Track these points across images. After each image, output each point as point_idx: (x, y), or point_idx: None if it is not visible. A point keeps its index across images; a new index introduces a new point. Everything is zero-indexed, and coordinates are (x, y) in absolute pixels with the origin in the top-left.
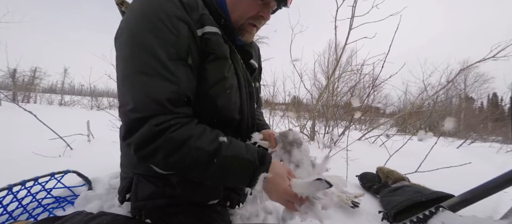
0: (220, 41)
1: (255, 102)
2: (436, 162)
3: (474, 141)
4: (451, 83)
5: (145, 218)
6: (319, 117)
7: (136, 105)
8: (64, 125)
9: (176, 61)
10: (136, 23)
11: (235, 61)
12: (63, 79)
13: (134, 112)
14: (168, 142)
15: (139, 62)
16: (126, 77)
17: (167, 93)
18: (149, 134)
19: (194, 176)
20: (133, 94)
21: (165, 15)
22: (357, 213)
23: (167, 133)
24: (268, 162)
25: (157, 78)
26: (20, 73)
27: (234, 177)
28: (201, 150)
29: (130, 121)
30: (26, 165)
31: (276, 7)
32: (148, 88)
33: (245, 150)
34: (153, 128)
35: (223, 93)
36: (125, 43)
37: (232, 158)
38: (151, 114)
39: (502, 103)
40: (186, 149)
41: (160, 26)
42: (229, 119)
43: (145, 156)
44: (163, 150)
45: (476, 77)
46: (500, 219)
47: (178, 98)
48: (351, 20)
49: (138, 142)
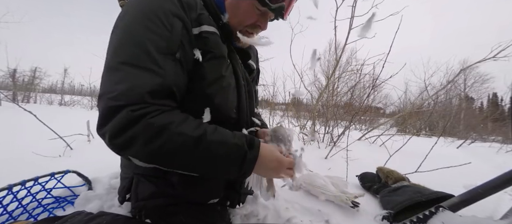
0: (218, 41)
1: (254, 101)
2: (436, 162)
3: (474, 141)
4: (451, 83)
5: (145, 218)
6: (319, 117)
7: (116, 94)
8: (64, 125)
9: (165, 55)
10: (130, 17)
11: (234, 60)
12: (63, 79)
13: (112, 100)
14: (146, 128)
15: (127, 52)
16: (111, 66)
17: (150, 84)
18: (124, 121)
19: (177, 166)
20: (114, 82)
21: (161, 10)
22: (357, 213)
23: (145, 118)
24: (257, 146)
25: (142, 70)
26: (20, 73)
27: (222, 164)
28: (184, 135)
29: (107, 108)
30: (26, 165)
31: (273, 18)
32: (131, 78)
33: (232, 135)
34: (130, 113)
35: (220, 91)
36: (117, 34)
37: (218, 143)
38: (128, 103)
39: (502, 103)
40: (168, 134)
41: (154, 20)
42: (226, 117)
43: (121, 145)
44: (142, 137)
45: (476, 77)
46: (500, 219)
47: (161, 91)
48: (351, 20)
49: (114, 130)
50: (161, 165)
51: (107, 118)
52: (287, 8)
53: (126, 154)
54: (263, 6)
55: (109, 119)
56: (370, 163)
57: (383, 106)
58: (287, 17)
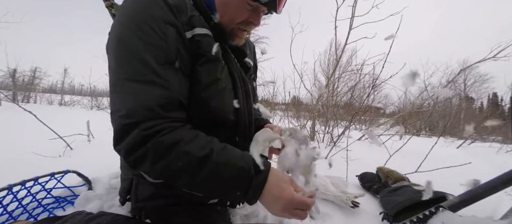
0: (211, 43)
1: (252, 100)
2: (436, 162)
3: (474, 141)
4: (451, 83)
5: (146, 218)
6: (319, 117)
7: (127, 112)
8: (64, 125)
9: (165, 66)
10: (122, 30)
11: (229, 60)
12: (63, 79)
13: (125, 118)
14: (156, 147)
15: (128, 68)
16: (116, 84)
17: (158, 98)
18: (137, 139)
19: (183, 185)
20: (123, 100)
21: (151, 19)
22: (357, 213)
23: (155, 137)
24: (266, 172)
25: (147, 84)
26: (20, 73)
27: (225, 187)
28: (189, 154)
29: (121, 127)
30: (26, 165)
31: (266, 12)
32: (138, 95)
33: (239, 157)
34: (142, 132)
35: (216, 94)
36: (113, 50)
37: (224, 165)
38: (141, 120)
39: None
40: (174, 153)
41: (147, 31)
42: (223, 120)
43: (134, 162)
44: (151, 155)
45: (476, 77)
46: (500, 219)
47: (170, 103)
48: (351, 20)
49: (128, 148)
50: (169, 182)
51: (121, 137)
52: (280, 1)
53: (138, 170)
54: (254, 0)
55: (123, 138)
56: (370, 163)
57: (383, 106)
58: (281, 10)
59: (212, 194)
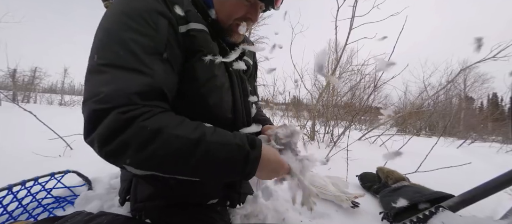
0: (207, 38)
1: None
2: (436, 162)
3: (474, 141)
4: (451, 83)
5: (145, 218)
6: (319, 117)
7: (102, 97)
8: (64, 125)
9: (152, 56)
10: (112, 17)
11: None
12: (63, 79)
13: (98, 103)
14: (139, 131)
15: (110, 54)
16: (94, 69)
17: (137, 85)
18: (114, 124)
19: (176, 172)
20: (98, 86)
21: (144, 9)
22: (357, 213)
23: (137, 121)
24: (259, 145)
25: (128, 71)
26: (20, 73)
27: (225, 166)
28: (181, 137)
29: (92, 113)
30: (26, 165)
31: (264, 8)
32: (117, 80)
33: (233, 136)
34: (119, 116)
35: (214, 91)
36: (98, 36)
37: (219, 144)
38: (116, 105)
39: (502, 103)
40: (164, 137)
41: (137, 20)
42: (222, 118)
43: (113, 152)
44: (134, 142)
45: (476, 77)
46: (500, 219)
47: (151, 91)
48: (352, 20)
49: (103, 135)
50: (158, 171)
51: (94, 123)
52: None
53: (120, 162)
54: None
55: (96, 124)
56: (370, 163)
57: (383, 107)
58: (279, 6)
59: (209, 176)
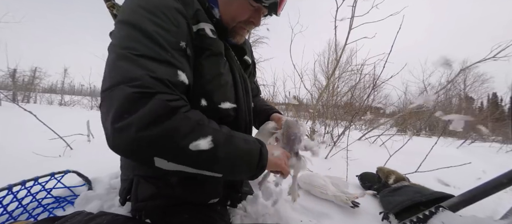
0: (215, 38)
1: (251, 98)
2: (436, 162)
3: (474, 141)
4: (451, 83)
5: (146, 218)
6: (319, 117)
7: (143, 82)
8: (64, 125)
9: (178, 51)
10: (134, 15)
11: (230, 57)
12: (63, 79)
13: (137, 87)
14: (185, 121)
15: (139, 46)
16: (126, 56)
17: (172, 76)
18: (160, 110)
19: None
20: (135, 71)
21: (164, 6)
22: (357, 213)
23: (181, 110)
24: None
25: (161, 63)
26: (20, 73)
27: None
28: (218, 131)
29: (130, 95)
30: (26, 165)
31: (267, 13)
32: (153, 68)
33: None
34: (166, 103)
35: (219, 88)
36: (123, 30)
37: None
38: (159, 91)
39: (502, 103)
40: (202, 130)
41: (160, 15)
42: (223, 116)
43: (155, 138)
44: (181, 131)
45: (476, 77)
46: (500, 219)
47: (182, 85)
48: (351, 20)
49: (147, 119)
50: (190, 164)
51: (134, 105)
52: (280, 4)
53: (157, 151)
54: (256, 2)
55: (138, 106)
56: (370, 163)
57: (383, 107)
58: (280, 13)
59: (233, 171)
